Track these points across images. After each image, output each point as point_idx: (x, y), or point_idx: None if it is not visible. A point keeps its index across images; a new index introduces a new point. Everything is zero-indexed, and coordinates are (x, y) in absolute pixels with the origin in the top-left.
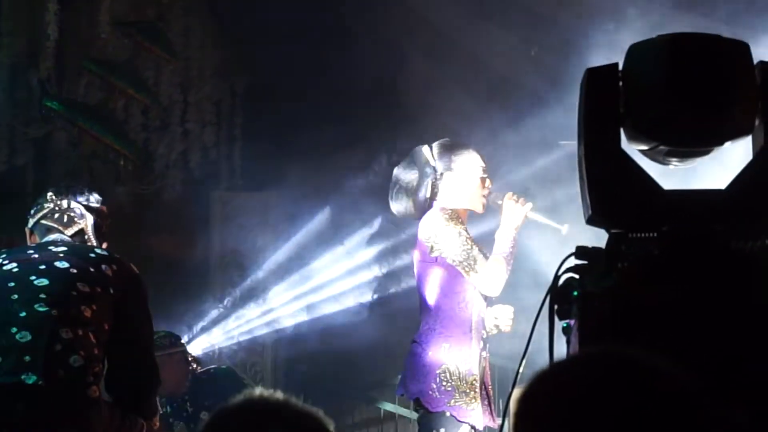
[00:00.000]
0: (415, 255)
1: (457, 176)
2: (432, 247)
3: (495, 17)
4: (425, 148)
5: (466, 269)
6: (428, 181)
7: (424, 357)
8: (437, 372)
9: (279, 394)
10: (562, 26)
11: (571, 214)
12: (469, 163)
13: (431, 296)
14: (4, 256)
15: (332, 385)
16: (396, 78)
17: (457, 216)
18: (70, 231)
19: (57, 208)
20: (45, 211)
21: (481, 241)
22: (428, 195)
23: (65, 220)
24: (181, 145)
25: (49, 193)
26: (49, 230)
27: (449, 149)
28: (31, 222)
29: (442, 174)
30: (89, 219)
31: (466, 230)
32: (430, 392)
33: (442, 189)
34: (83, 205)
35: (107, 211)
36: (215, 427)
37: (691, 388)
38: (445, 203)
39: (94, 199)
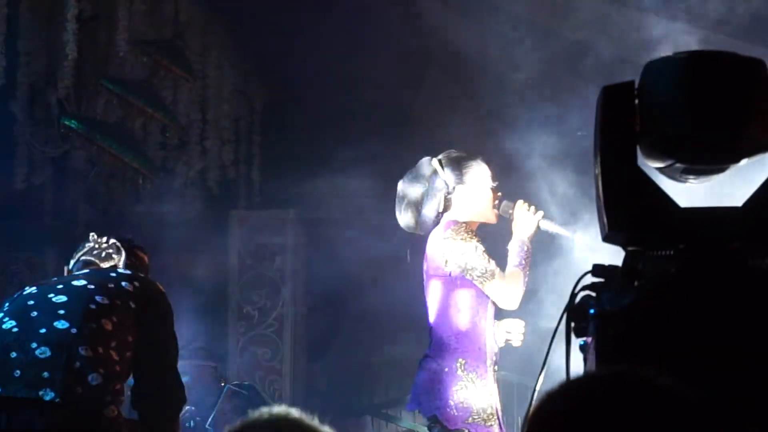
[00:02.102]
0: (426, 269)
1: (469, 189)
2: (447, 262)
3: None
4: (433, 161)
5: (484, 283)
6: (440, 195)
7: (440, 373)
8: (454, 388)
9: (293, 412)
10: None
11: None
12: (479, 174)
13: (445, 311)
14: (31, 284)
15: (351, 402)
16: (415, 96)
17: (471, 229)
18: (105, 265)
19: (97, 246)
20: (86, 249)
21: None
22: (440, 209)
23: (102, 255)
24: (199, 163)
25: (92, 234)
26: (87, 264)
27: (458, 162)
28: (72, 261)
29: (454, 187)
30: (123, 255)
31: (481, 243)
32: (448, 409)
33: (455, 202)
34: (124, 245)
35: (147, 260)
36: None
37: (704, 409)
38: (457, 217)
39: (136, 244)
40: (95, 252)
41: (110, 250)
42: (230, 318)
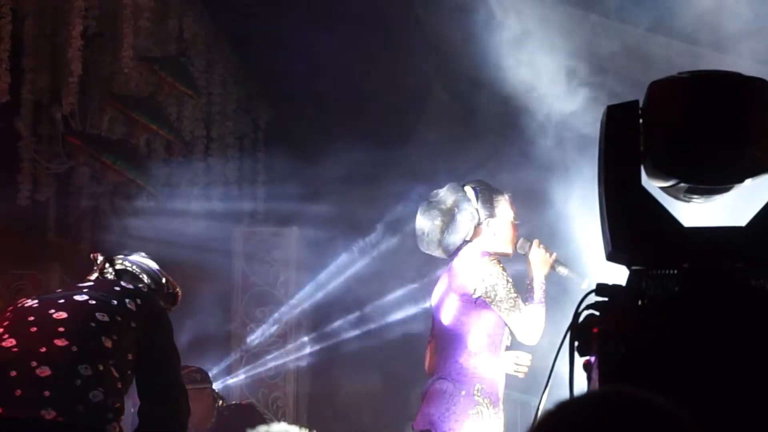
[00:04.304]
0: (448, 293)
1: (499, 222)
2: (476, 289)
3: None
4: (467, 189)
5: (510, 315)
6: (470, 224)
7: (457, 396)
8: (470, 412)
9: (293, 429)
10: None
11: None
12: (506, 209)
13: (467, 336)
14: (32, 297)
15: (356, 420)
16: (421, 114)
17: (500, 261)
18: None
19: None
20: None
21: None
22: (468, 237)
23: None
24: (203, 180)
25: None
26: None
27: (490, 194)
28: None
29: (487, 219)
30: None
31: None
32: None
33: (485, 233)
34: (137, 263)
35: (164, 286)
36: None
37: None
38: (486, 247)
39: (153, 265)
40: (101, 269)
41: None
42: (233, 334)
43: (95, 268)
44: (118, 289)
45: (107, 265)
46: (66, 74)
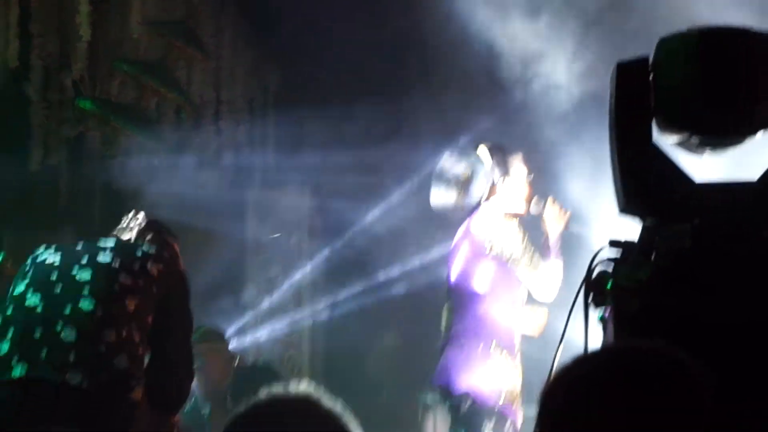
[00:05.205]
0: (466, 252)
1: (514, 181)
2: (492, 247)
3: None
4: (481, 149)
5: (526, 271)
6: (486, 183)
7: (474, 351)
8: (488, 367)
9: (313, 391)
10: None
11: None
12: (520, 168)
13: (483, 292)
14: (51, 249)
15: (373, 377)
16: (436, 74)
17: (516, 219)
18: (126, 236)
19: (125, 223)
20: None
21: None
22: (485, 196)
23: (125, 227)
24: (214, 143)
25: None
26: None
27: (505, 154)
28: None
29: (502, 178)
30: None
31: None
32: (482, 387)
33: (500, 192)
34: (155, 229)
35: (177, 249)
36: (236, 426)
37: (705, 385)
38: (501, 205)
39: (167, 230)
40: (122, 227)
41: (133, 224)
42: (247, 294)
43: (125, 225)
44: (140, 254)
45: (137, 224)
46: (75, 39)
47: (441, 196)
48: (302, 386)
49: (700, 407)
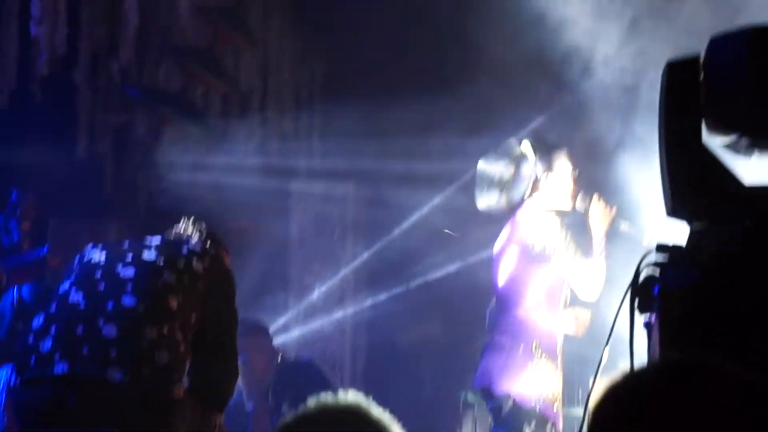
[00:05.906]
0: (509, 249)
1: (557, 177)
2: (536, 244)
3: None
4: (524, 144)
5: (570, 270)
6: (529, 180)
7: (515, 351)
8: (529, 368)
9: (361, 400)
10: None
11: None
12: (565, 163)
13: (526, 291)
14: (98, 248)
15: (414, 374)
16: (478, 65)
17: (561, 216)
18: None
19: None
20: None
21: None
22: (528, 194)
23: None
24: (260, 132)
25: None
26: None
27: (548, 149)
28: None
29: (545, 174)
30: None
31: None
32: (523, 388)
33: (543, 188)
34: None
35: (221, 246)
36: None
37: (754, 398)
38: (545, 202)
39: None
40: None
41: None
42: (291, 289)
43: (177, 228)
44: (187, 249)
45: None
46: (123, 26)
47: (485, 196)
48: (351, 395)
49: (749, 420)
